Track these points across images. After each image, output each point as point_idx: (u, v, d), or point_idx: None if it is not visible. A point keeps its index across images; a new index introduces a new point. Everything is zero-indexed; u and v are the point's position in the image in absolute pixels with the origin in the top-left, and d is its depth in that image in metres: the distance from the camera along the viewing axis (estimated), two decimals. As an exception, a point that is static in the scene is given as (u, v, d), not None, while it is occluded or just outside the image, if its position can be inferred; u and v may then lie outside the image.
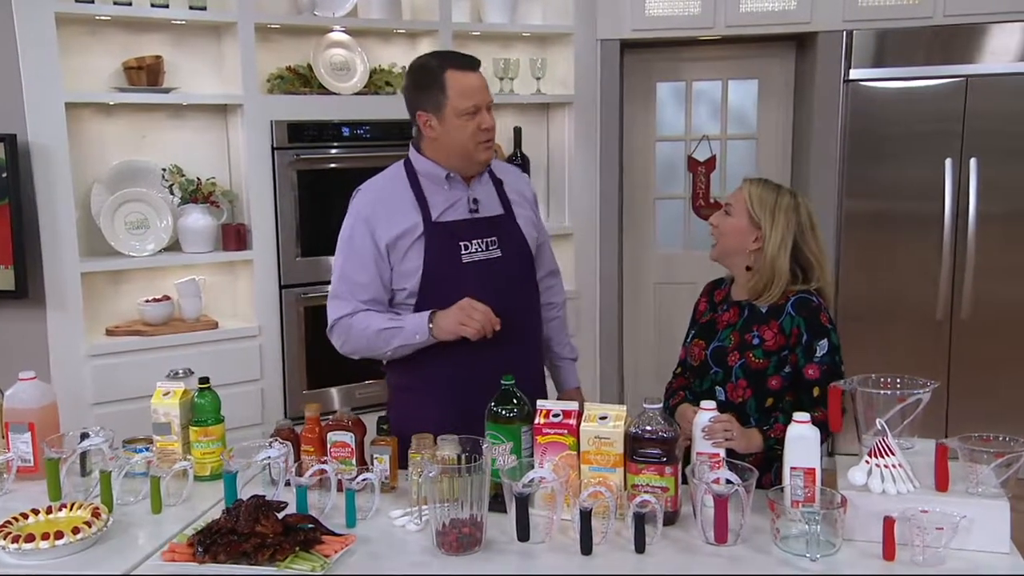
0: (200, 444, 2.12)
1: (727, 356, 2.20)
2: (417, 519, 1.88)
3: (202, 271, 3.68)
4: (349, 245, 2.31)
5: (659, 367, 4.79)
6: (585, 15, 4.22)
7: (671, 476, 1.85)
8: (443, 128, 2.26)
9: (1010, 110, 4.04)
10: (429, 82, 2.25)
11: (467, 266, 2.27)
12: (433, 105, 2.25)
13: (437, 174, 2.30)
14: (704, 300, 2.39)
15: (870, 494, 1.75)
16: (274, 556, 1.69)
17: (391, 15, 3.90)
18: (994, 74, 4.05)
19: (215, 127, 3.73)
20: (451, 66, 2.25)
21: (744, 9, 4.16)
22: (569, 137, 4.33)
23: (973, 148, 4.08)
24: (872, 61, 4.15)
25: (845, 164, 4.21)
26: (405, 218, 2.27)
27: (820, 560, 1.68)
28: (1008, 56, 4.04)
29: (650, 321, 4.85)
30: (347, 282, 2.29)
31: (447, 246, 2.26)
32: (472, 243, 2.29)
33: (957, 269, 4.14)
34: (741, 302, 2.25)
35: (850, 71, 4.16)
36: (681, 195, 4.82)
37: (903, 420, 1.82)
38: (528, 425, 1.97)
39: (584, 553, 1.75)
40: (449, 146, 2.27)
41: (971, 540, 1.68)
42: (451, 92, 2.22)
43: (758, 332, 2.17)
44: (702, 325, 2.32)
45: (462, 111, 2.23)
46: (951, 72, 4.08)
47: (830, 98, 4.20)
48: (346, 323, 2.28)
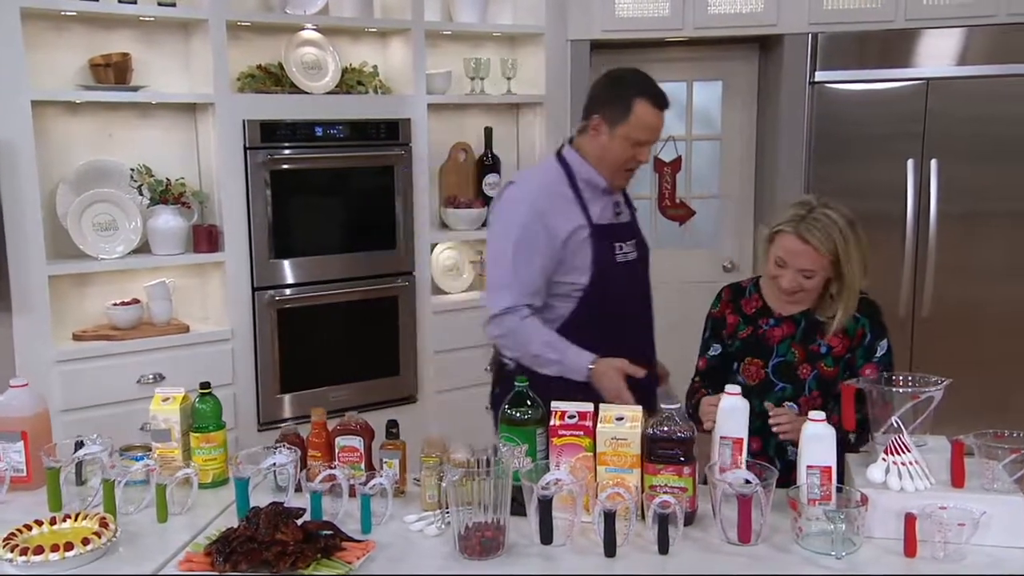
0: (202, 451, 2.06)
1: (796, 370, 2.19)
2: (440, 524, 1.84)
3: (172, 273, 3.58)
4: (520, 235, 2.35)
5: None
6: (556, 16, 4.22)
7: (689, 476, 1.85)
8: (608, 142, 2.36)
9: (968, 113, 4.15)
10: (619, 98, 2.34)
11: (620, 266, 2.42)
12: (610, 118, 2.35)
13: (597, 183, 2.42)
14: (730, 311, 2.32)
15: (888, 491, 1.77)
16: (296, 564, 1.65)
17: (362, 14, 3.84)
18: (953, 77, 4.16)
19: (184, 126, 3.63)
20: (645, 96, 2.33)
21: (712, 11, 4.20)
22: (540, 137, 4.32)
23: (933, 149, 4.18)
24: (837, 63, 4.22)
25: (810, 165, 4.28)
26: (575, 216, 2.38)
27: (844, 558, 1.70)
28: (966, 59, 4.15)
29: (618, 320, 4.86)
30: (515, 272, 2.34)
31: (607, 247, 2.40)
32: (625, 244, 2.46)
33: (919, 268, 4.24)
34: (793, 316, 2.23)
35: (815, 73, 4.22)
36: (647, 195, 4.84)
37: (916, 418, 1.85)
38: (543, 427, 1.95)
39: (608, 555, 1.75)
40: (603, 157, 2.38)
41: (989, 536, 1.71)
42: (633, 119, 2.32)
43: (823, 340, 2.18)
44: (744, 341, 2.26)
45: (628, 138, 2.33)
46: (912, 75, 4.18)
47: (796, 100, 4.26)
48: (512, 323, 2.35)
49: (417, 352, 4.00)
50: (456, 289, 4.27)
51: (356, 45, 3.96)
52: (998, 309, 4.25)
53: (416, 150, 3.91)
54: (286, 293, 3.69)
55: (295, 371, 3.73)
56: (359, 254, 3.85)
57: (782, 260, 2.15)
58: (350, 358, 3.87)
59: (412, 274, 3.97)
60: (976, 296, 4.21)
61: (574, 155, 2.44)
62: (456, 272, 4.30)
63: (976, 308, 4.22)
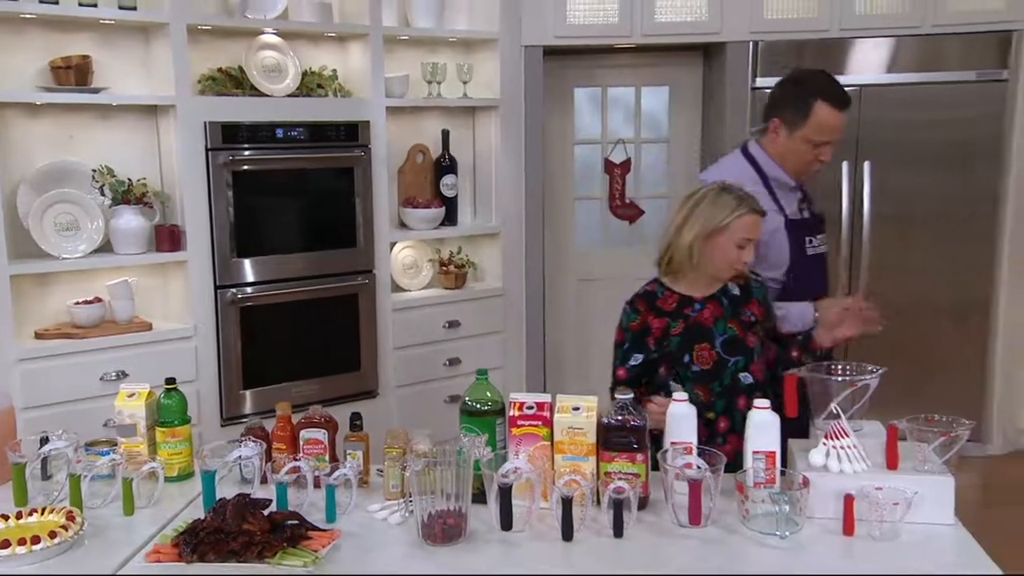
0: (167, 445, 2.03)
1: (743, 342, 2.24)
2: (403, 512, 1.84)
3: (134, 272, 3.51)
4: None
5: (579, 357, 4.86)
6: (510, 22, 4.23)
7: (642, 463, 1.88)
8: (787, 143, 2.37)
9: (898, 118, 4.25)
10: (798, 101, 2.34)
11: (811, 258, 2.46)
12: (790, 121, 2.34)
13: (785, 181, 2.45)
14: (652, 317, 2.27)
15: (828, 474, 1.81)
16: (262, 553, 1.63)
17: (321, 19, 3.81)
18: (884, 84, 4.27)
19: (146, 128, 3.57)
20: (825, 98, 2.33)
21: (659, 19, 4.24)
22: (495, 139, 4.33)
23: (867, 152, 4.28)
24: (776, 70, 4.28)
25: (753, 167, 4.35)
26: (771, 214, 2.35)
27: (788, 538, 1.73)
28: (896, 68, 4.26)
29: (571, 315, 4.90)
30: None
31: (801, 240, 2.45)
32: (815, 238, 2.50)
33: (853, 266, 4.34)
34: (716, 294, 2.27)
35: (756, 79, 4.30)
36: (598, 196, 4.89)
37: (854, 404, 1.89)
38: (502, 417, 1.96)
39: (565, 539, 1.76)
40: (785, 157, 2.40)
41: (921, 514, 1.76)
42: (812, 121, 2.32)
43: (748, 310, 2.27)
44: (682, 335, 2.24)
45: (809, 139, 2.32)
46: (846, 81, 4.16)
47: (738, 104, 4.33)
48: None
49: (377, 348, 3.99)
50: (415, 287, 4.26)
51: (316, 49, 3.93)
52: (927, 304, 4.37)
53: (375, 152, 3.89)
54: (248, 291, 3.64)
55: (258, 367, 3.69)
56: (320, 253, 3.82)
57: (746, 240, 2.20)
58: (312, 354, 3.84)
59: (372, 272, 3.96)
60: (908, 294, 4.31)
61: (761, 152, 2.45)
62: (415, 270, 4.29)
63: (908, 306, 4.32)
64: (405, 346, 4.07)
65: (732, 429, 2.21)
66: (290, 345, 3.79)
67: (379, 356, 4.00)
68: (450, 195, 4.28)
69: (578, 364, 4.86)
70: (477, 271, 4.41)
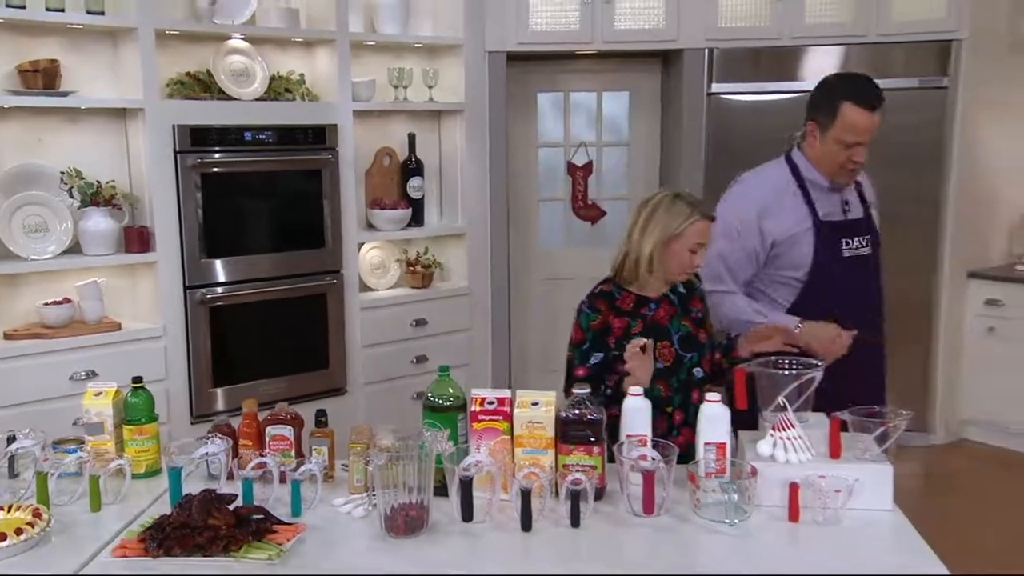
0: (134, 442, 2.02)
1: (696, 338, 2.30)
2: (367, 506, 1.85)
3: (104, 273, 3.47)
4: (735, 232, 2.47)
5: (544, 354, 4.87)
6: (473, 28, 4.23)
7: (599, 455, 1.90)
8: (821, 146, 2.38)
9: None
10: (826, 103, 2.36)
11: (847, 260, 2.45)
12: (822, 124, 2.36)
13: (821, 183, 2.45)
14: (612, 316, 2.28)
15: (775, 463, 1.85)
16: (228, 547, 1.63)
17: (289, 24, 3.79)
18: (833, 91, 4.33)
19: (114, 131, 3.52)
20: (852, 99, 2.32)
21: (619, 27, 4.27)
22: (460, 143, 4.33)
23: (817, 156, 4.34)
24: (731, 76, 4.35)
25: (708, 169, 4.39)
26: (795, 214, 2.42)
27: (737, 525, 1.76)
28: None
29: (536, 314, 4.92)
30: (726, 264, 2.49)
31: (833, 242, 2.44)
32: (853, 240, 2.47)
33: (805, 264, 4.40)
34: (666, 293, 2.32)
35: (712, 85, 4.35)
36: (561, 197, 4.91)
37: (799, 396, 1.93)
38: (463, 413, 1.97)
39: (524, 530, 1.78)
40: (821, 160, 2.43)
41: (862, 500, 1.80)
42: (839, 122, 2.32)
43: (694, 307, 2.33)
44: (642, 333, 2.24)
45: (839, 140, 2.32)
46: (797, 87, 4.32)
47: (695, 109, 4.37)
48: (720, 298, 2.48)
49: (346, 346, 3.98)
50: (383, 286, 4.25)
51: (283, 54, 3.91)
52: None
53: (342, 154, 3.88)
54: (218, 291, 3.62)
55: (227, 366, 3.66)
56: (289, 253, 3.80)
57: (698, 244, 2.26)
58: (281, 353, 3.82)
59: (340, 272, 3.94)
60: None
61: (800, 156, 2.48)
62: (383, 270, 4.28)
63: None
64: (373, 344, 4.06)
65: (686, 421, 2.25)
66: (260, 344, 3.76)
67: (347, 354, 3.98)
68: (417, 197, 4.28)
69: (543, 361, 4.88)
70: (443, 271, 4.41)
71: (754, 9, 4.26)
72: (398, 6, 4.08)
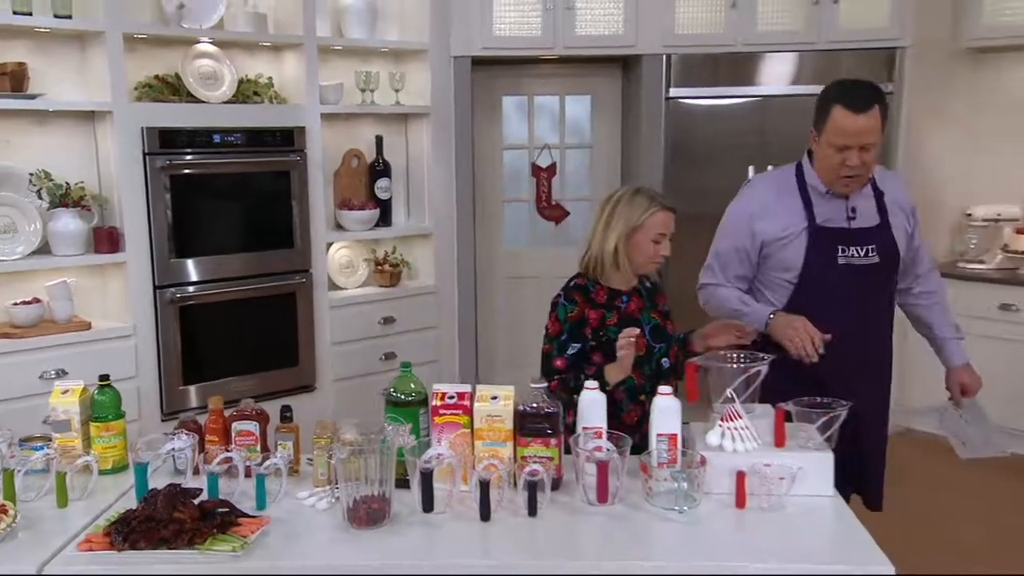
0: (101, 439, 2.00)
1: (665, 330, 2.37)
2: (330, 498, 1.85)
3: (73, 273, 3.43)
4: (729, 230, 2.50)
5: (510, 350, 4.89)
6: (439, 33, 4.24)
7: (556, 447, 1.92)
8: (819, 151, 2.34)
9: (798, 126, 4.31)
10: (820, 108, 2.32)
11: (842, 267, 2.36)
12: (818, 128, 2.34)
13: (820, 189, 2.40)
14: (588, 308, 2.33)
15: (723, 453, 1.88)
16: (193, 540, 1.63)
17: (257, 28, 3.77)
18: (784, 95, 4.39)
19: (83, 133, 3.48)
20: (840, 103, 2.27)
21: (579, 32, 4.29)
22: (427, 145, 4.34)
23: (769, 158, 4.38)
24: (688, 81, 4.39)
25: (667, 171, 4.43)
26: (790, 217, 2.38)
27: (687, 512, 1.79)
28: (795, 80, 4.39)
29: (501, 311, 4.94)
30: (718, 259, 2.51)
31: (827, 248, 2.36)
32: (850, 248, 2.36)
33: (759, 261, 4.45)
34: (635, 287, 2.39)
35: (670, 89, 4.38)
36: (526, 198, 4.93)
37: (747, 389, 1.96)
38: (425, 407, 1.98)
39: (483, 519, 1.79)
40: (820, 165, 2.37)
41: (804, 487, 1.84)
42: (830, 125, 2.28)
43: (659, 302, 2.40)
44: (617, 325, 2.29)
45: (830, 144, 2.28)
46: (750, 92, 4.39)
47: (654, 113, 4.41)
48: (711, 291, 2.52)
49: (315, 344, 3.96)
50: (351, 285, 4.25)
51: (251, 58, 3.88)
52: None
53: (311, 156, 3.87)
54: (189, 291, 3.59)
55: (198, 364, 3.63)
56: (258, 253, 3.78)
57: (660, 235, 2.32)
58: (252, 351, 3.80)
59: (309, 271, 3.93)
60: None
61: (806, 162, 2.44)
62: (351, 269, 4.27)
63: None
64: (342, 342, 4.05)
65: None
66: (230, 342, 3.74)
67: (317, 351, 3.97)
68: (384, 197, 4.28)
69: (509, 357, 4.90)
70: (411, 270, 4.41)
71: (709, 17, 4.30)
72: (365, 11, 4.07)
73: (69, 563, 1.62)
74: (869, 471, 2.50)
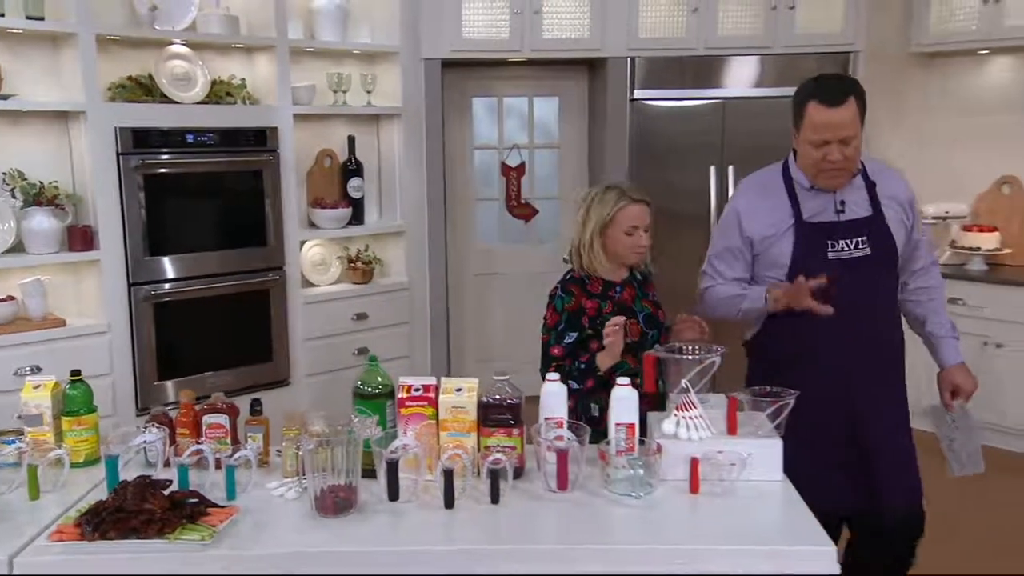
0: (73, 433, 1.99)
1: (656, 317, 2.43)
2: (298, 488, 1.86)
3: (48, 271, 3.40)
4: (722, 230, 2.43)
5: (481, 344, 4.92)
6: (409, 36, 4.24)
7: (518, 437, 1.94)
8: (799, 147, 2.28)
9: (757, 127, 4.43)
10: (796, 105, 2.25)
11: (833, 262, 2.26)
12: (796, 126, 2.27)
13: (804, 184, 2.31)
14: (584, 299, 2.38)
15: (678, 441, 1.91)
16: (162, 530, 1.63)
17: (229, 31, 3.76)
18: (744, 97, 4.45)
19: (56, 133, 3.45)
20: (814, 98, 2.18)
21: (546, 36, 4.32)
22: (398, 145, 4.34)
23: (730, 158, 4.46)
24: (651, 84, 4.44)
25: (633, 170, 4.47)
26: (777, 215, 2.30)
27: (643, 497, 1.82)
28: (754, 83, 4.45)
29: (472, 306, 4.96)
30: (712, 263, 2.44)
31: (815, 243, 2.27)
32: (840, 242, 2.27)
33: (721, 257, 4.50)
34: (627, 278, 2.44)
35: (634, 91, 4.43)
36: (496, 196, 4.95)
37: (701, 379, 1.99)
38: (391, 400, 1.99)
39: (447, 507, 1.80)
40: (802, 162, 2.29)
41: (755, 472, 1.87)
42: (806, 121, 2.21)
43: (651, 293, 2.46)
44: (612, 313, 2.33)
45: (809, 141, 2.21)
46: (712, 94, 4.44)
47: (618, 114, 4.45)
48: (709, 293, 2.44)
49: (289, 339, 3.96)
50: (324, 282, 4.24)
51: (224, 60, 3.87)
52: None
53: (283, 156, 3.86)
54: (165, 287, 3.58)
55: (174, 360, 3.62)
56: (232, 251, 3.78)
57: (632, 227, 2.36)
58: (227, 346, 3.79)
59: (283, 269, 3.93)
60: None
61: (792, 159, 2.37)
62: (324, 266, 4.27)
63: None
64: (315, 337, 4.05)
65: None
66: (205, 338, 3.73)
67: (291, 347, 3.97)
68: (357, 196, 4.28)
69: (480, 351, 4.92)
70: (383, 267, 4.42)
71: (672, 21, 4.35)
72: (336, 14, 4.07)
73: (40, 553, 1.61)
74: (885, 487, 2.29)
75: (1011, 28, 4.10)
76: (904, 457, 2.35)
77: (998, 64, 4.48)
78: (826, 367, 2.26)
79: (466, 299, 4.93)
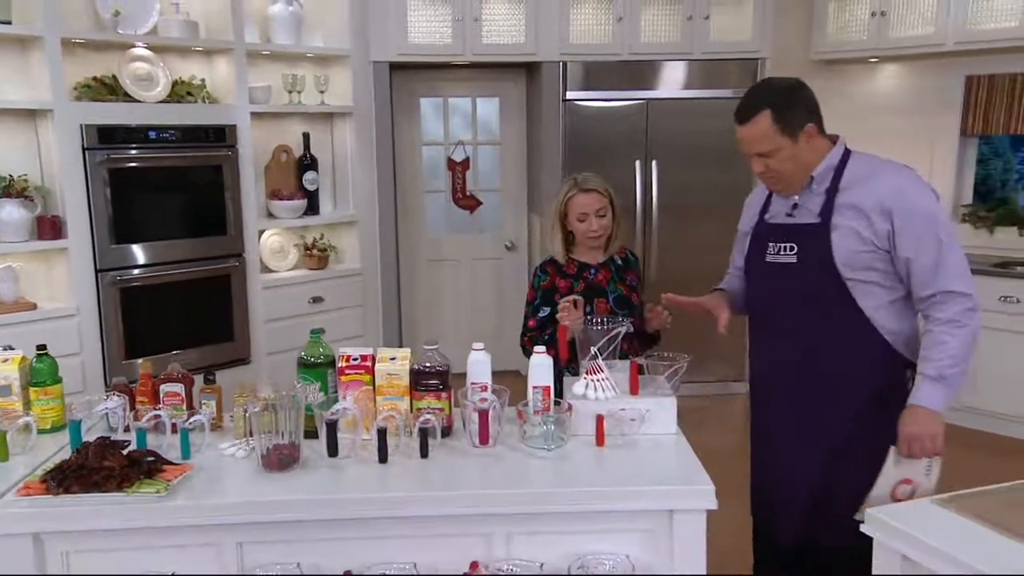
0: (40, 402, 2.03)
1: (629, 299, 2.49)
2: (247, 447, 1.93)
3: (18, 259, 3.39)
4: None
5: (430, 325, 4.99)
6: (359, 40, 4.28)
7: (446, 400, 2.03)
8: None
9: (678, 126, 4.57)
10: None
11: (767, 265, 2.11)
12: None
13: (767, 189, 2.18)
14: (559, 278, 2.49)
15: (587, 400, 2.02)
16: (121, 484, 1.69)
17: (189, 34, 3.76)
18: (666, 98, 4.57)
19: (25, 129, 3.43)
20: (735, 115, 2.05)
21: (486, 41, 4.39)
22: (350, 141, 4.38)
23: (654, 154, 4.59)
24: (582, 85, 4.53)
25: (566, 165, 4.57)
26: (753, 211, 2.21)
27: (554, 450, 1.93)
28: (675, 85, 4.57)
29: (423, 291, 5.03)
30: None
31: (759, 245, 2.14)
32: (775, 245, 2.10)
33: (646, 246, 4.65)
34: (604, 261, 2.51)
35: (566, 93, 4.52)
36: (443, 189, 5.02)
37: (609, 347, 2.10)
38: (332, 368, 2.07)
39: (381, 462, 1.89)
40: None
41: (653, 427, 1.99)
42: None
43: (629, 278, 2.53)
44: (584, 292, 2.42)
45: (746, 153, 2.06)
46: (636, 96, 4.56)
47: (553, 114, 4.54)
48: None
49: (249, 321, 3.99)
50: (282, 268, 4.28)
51: (185, 61, 3.86)
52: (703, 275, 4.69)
53: (242, 151, 3.88)
54: (132, 273, 3.58)
55: (141, 340, 3.63)
56: (195, 240, 3.79)
57: (584, 215, 2.43)
58: (190, 328, 3.81)
59: (243, 256, 3.95)
60: (689, 267, 4.62)
61: None
62: (282, 254, 4.30)
63: (687, 275, 4.65)
64: (275, 319, 4.09)
65: None
66: (170, 320, 3.74)
67: (251, 328, 4.00)
68: (312, 189, 4.31)
69: (429, 331, 4.99)
70: (338, 254, 4.46)
71: (599, 29, 4.46)
72: (290, 20, 4.08)
73: (9, 506, 1.66)
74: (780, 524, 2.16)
75: (896, 39, 4.28)
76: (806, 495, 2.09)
77: (886, 71, 4.67)
78: (755, 376, 2.24)
79: (418, 284, 5.00)
